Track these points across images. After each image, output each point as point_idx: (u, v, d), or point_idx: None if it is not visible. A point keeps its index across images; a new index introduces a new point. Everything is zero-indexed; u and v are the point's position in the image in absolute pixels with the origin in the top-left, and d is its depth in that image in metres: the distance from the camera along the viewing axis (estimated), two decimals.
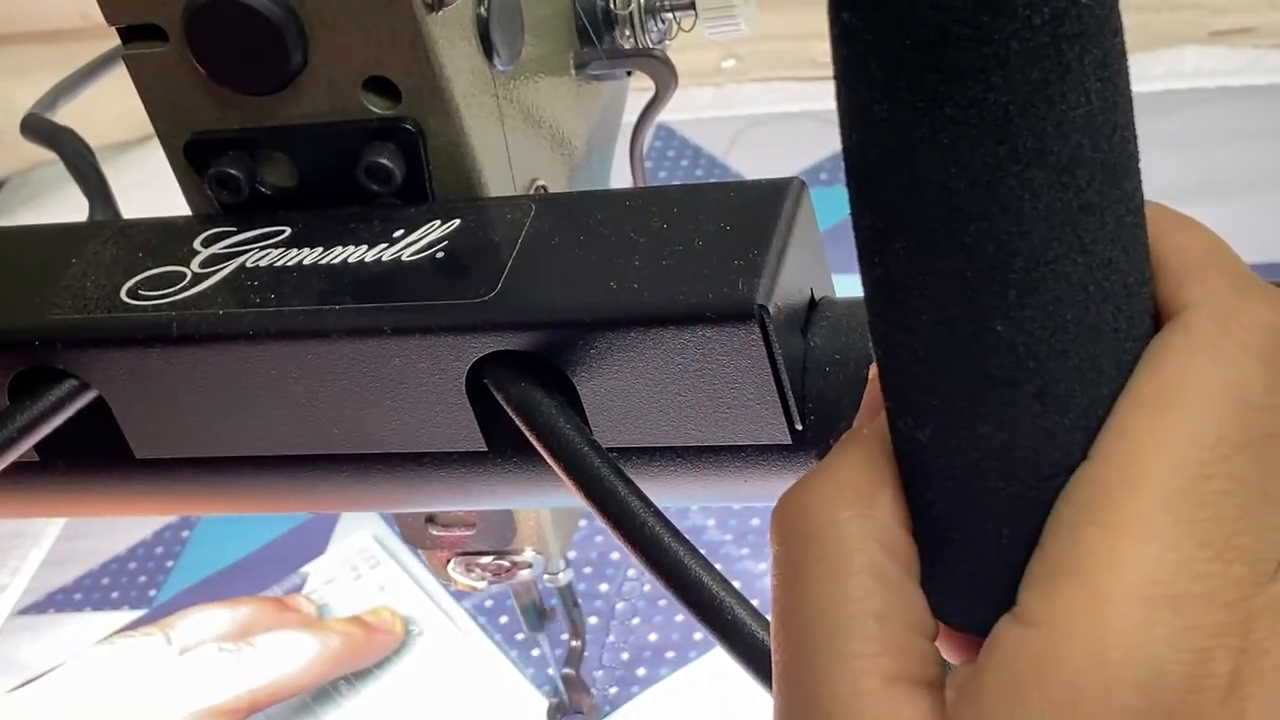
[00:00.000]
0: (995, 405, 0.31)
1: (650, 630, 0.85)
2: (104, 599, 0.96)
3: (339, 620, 0.87)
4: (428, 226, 0.47)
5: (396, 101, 0.47)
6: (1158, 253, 0.33)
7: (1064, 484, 0.31)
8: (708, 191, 0.46)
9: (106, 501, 0.51)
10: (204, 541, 0.98)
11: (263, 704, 0.80)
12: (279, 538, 0.97)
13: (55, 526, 1.01)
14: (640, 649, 0.84)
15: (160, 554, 0.98)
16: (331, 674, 0.84)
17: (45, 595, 0.97)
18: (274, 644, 0.81)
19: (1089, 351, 0.31)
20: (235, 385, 0.46)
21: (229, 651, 0.79)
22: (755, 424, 0.45)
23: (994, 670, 0.31)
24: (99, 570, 0.98)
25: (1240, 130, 1.03)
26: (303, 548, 0.95)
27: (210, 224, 0.48)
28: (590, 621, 0.86)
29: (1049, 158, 0.29)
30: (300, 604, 0.89)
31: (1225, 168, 1.01)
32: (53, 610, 0.96)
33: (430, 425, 0.46)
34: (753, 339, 0.43)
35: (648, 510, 0.43)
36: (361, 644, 0.85)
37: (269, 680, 0.80)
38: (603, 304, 0.44)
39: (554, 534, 0.61)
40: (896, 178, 0.30)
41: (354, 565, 0.94)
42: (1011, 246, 0.30)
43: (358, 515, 0.97)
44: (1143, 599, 0.29)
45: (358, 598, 0.91)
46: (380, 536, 0.95)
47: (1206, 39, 1.08)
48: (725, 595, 0.42)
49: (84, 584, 0.97)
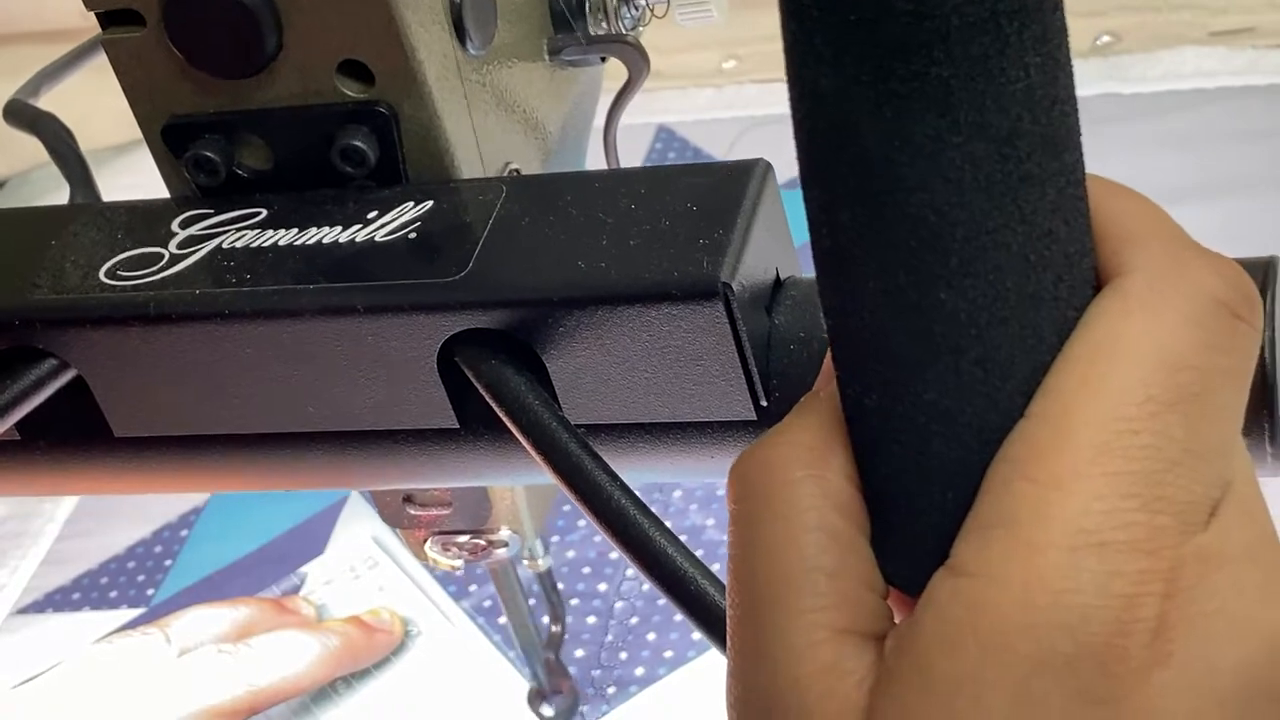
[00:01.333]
0: (940, 371, 0.33)
1: (649, 630, 0.86)
2: (102, 598, 0.97)
3: (338, 621, 0.88)
4: (401, 208, 0.48)
5: (370, 85, 0.48)
6: (1098, 221, 0.34)
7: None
8: (675, 173, 0.48)
9: (87, 479, 0.52)
10: (203, 541, 0.99)
11: (262, 705, 0.80)
12: (277, 538, 0.98)
13: (54, 526, 1.03)
14: (639, 649, 0.85)
15: (159, 553, 0.99)
16: (331, 674, 0.85)
17: (44, 595, 0.99)
18: (273, 644, 0.82)
19: (1030, 319, 0.32)
20: (212, 364, 0.48)
21: (228, 653, 0.80)
22: (721, 400, 0.46)
23: (929, 620, 0.32)
24: (97, 570, 0.99)
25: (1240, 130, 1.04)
26: (301, 548, 0.97)
27: (188, 206, 0.50)
28: (589, 621, 0.87)
29: (989, 130, 0.31)
30: (299, 605, 0.90)
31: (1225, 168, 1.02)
32: (51, 609, 0.98)
33: (403, 403, 0.48)
34: (717, 316, 0.44)
35: (614, 484, 0.44)
36: (360, 644, 0.86)
37: (268, 681, 0.80)
38: (571, 282, 0.45)
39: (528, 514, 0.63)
40: (842, 150, 0.32)
41: (352, 566, 0.95)
42: (953, 216, 0.31)
43: (356, 516, 0.98)
44: (1071, 548, 0.31)
45: (356, 598, 0.92)
46: (379, 537, 0.96)
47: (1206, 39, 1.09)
48: (689, 566, 0.43)
49: (82, 583, 0.99)
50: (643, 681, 0.84)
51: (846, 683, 0.33)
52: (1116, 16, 1.10)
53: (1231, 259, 0.34)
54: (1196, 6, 1.09)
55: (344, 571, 0.95)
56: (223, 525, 1.00)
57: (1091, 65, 1.12)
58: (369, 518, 0.97)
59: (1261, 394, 0.42)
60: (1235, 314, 0.33)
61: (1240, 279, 0.33)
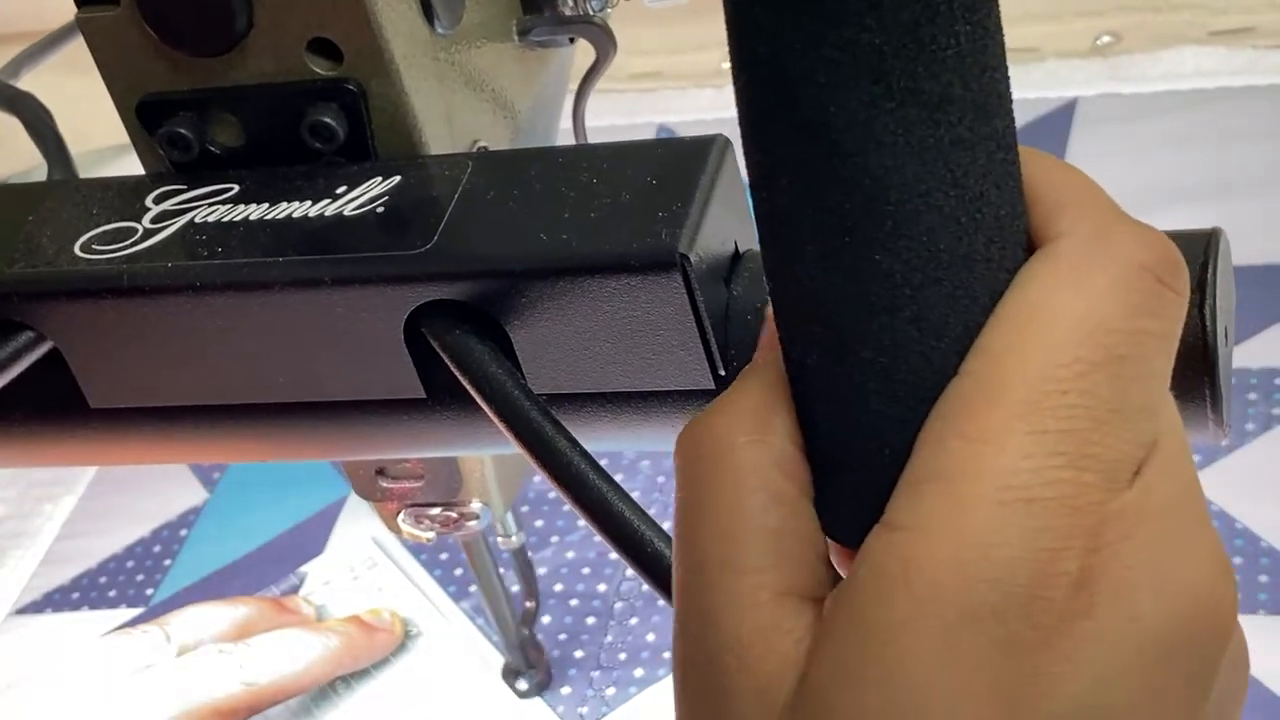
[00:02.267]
0: (876, 331, 0.34)
1: (648, 630, 0.87)
2: (101, 598, 0.98)
3: (338, 620, 0.89)
4: (369, 183, 0.50)
5: (339, 63, 0.50)
6: (1031, 188, 0.36)
7: None
8: (636, 148, 0.50)
9: (63, 451, 0.54)
10: (202, 541, 1.00)
11: (262, 705, 0.81)
12: (277, 538, 0.99)
13: (53, 525, 1.04)
14: (638, 649, 0.86)
15: (158, 553, 1.00)
16: (331, 674, 0.85)
17: (43, 594, 1.00)
18: (272, 644, 0.83)
19: (963, 279, 0.34)
20: (184, 335, 0.50)
21: (228, 653, 0.81)
22: (680, 370, 0.48)
23: (864, 574, 0.34)
24: (96, 569, 1.00)
25: (1240, 130, 1.05)
26: (301, 548, 0.98)
27: (162, 182, 0.52)
28: (589, 621, 0.88)
29: (921, 96, 0.32)
30: (299, 605, 0.91)
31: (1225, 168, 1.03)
32: (50, 609, 0.99)
33: (371, 373, 0.50)
34: (675, 287, 0.46)
35: (574, 450, 0.46)
36: (360, 644, 0.86)
37: (268, 680, 0.81)
38: (533, 254, 0.47)
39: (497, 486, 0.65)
40: (780, 116, 0.33)
41: (352, 567, 0.96)
42: (887, 180, 0.33)
43: (356, 517, 0.99)
44: (999, 502, 0.32)
45: (355, 599, 0.93)
46: (378, 538, 0.97)
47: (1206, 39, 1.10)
48: (645, 529, 0.45)
49: (82, 583, 1.00)
50: (642, 682, 0.84)
51: (785, 641, 0.35)
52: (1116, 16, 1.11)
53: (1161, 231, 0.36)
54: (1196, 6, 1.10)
55: (343, 572, 0.95)
56: (222, 525, 1.01)
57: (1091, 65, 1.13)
58: (368, 518, 0.98)
59: (1202, 361, 0.44)
60: (1160, 280, 0.34)
61: (1166, 248, 0.35)
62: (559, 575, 0.91)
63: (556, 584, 0.90)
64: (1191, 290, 0.43)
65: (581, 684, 0.85)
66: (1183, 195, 1.01)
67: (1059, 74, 1.13)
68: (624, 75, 1.11)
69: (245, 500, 1.02)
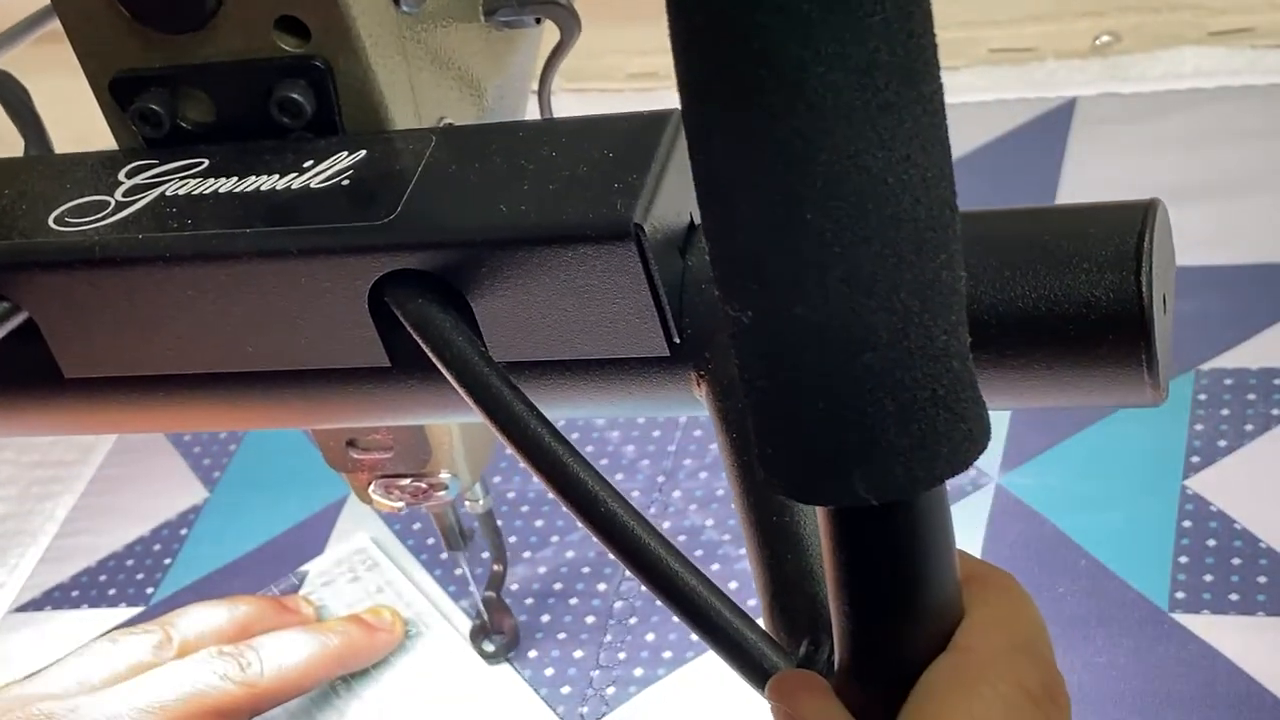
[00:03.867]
0: (808, 288, 0.36)
1: (647, 630, 0.87)
2: (101, 597, 0.99)
3: (338, 620, 0.89)
4: (336, 157, 0.53)
5: (306, 40, 0.53)
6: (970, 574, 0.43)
7: (870, 362, 0.36)
8: (595, 123, 0.52)
9: (39, 420, 0.57)
10: (202, 540, 1.01)
11: (263, 706, 0.82)
12: (277, 538, 1.00)
13: (53, 524, 1.05)
14: (637, 649, 0.86)
15: (158, 552, 1.01)
16: (331, 673, 0.86)
17: (43, 592, 1.00)
18: (273, 644, 0.84)
19: (890, 238, 0.36)
20: (155, 305, 0.52)
21: (229, 654, 0.82)
22: (636, 337, 0.50)
23: None
24: (96, 568, 1.01)
25: (1240, 130, 1.06)
26: (301, 548, 0.98)
27: (134, 157, 0.55)
28: (588, 621, 0.88)
29: (849, 61, 0.34)
30: (299, 605, 0.92)
31: (1225, 168, 1.03)
32: (50, 607, 0.99)
33: (337, 342, 0.52)
34: (629, 256, 0.48)
35: (530, 413, 0.48)
36: (361, 643, 0.87)
37: (268, 681, 0.82)
38: (492, 225, 0.49)
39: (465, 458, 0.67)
40: (714, 80, 0.35)
41: (352, 567, 0.96)
42: (818, 142, 0.35)
43: (356, 517, 1.00)
44: None
45: (355, 599, 0.93)
46: (378, 538, 0.97)
47: (1205, 39, 1.11)
48: (600, 490, 0.47)
49: (81, 581, 1.00)
50: (642, 682, 0.85)
51: None
52: (1116, 16, 1.12)
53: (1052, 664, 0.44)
54: (1195, 7, 1.11)
55: (343, 572, 0.96)
56: (222, 525, 1.02)
57: (1091, 65, 1.14)
58: (369, 518, 0.99)
59: (1138, 327, 0.46)
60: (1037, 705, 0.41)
61: (1051, 680, 0.42)
62: (559, 575, 0.91)
63: (556, 583, 0.91)
64: (1128, 258, 0.46)
65: (581, 684, 0.86)
66: (1182, 195, 1.02)
67: (1058, 74, 1.14)
68: (622, 75, 1.12)
69: (245, 500, 1.03)
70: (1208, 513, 0.83)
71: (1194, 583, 0.80)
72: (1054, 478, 0.87)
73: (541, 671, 0.87)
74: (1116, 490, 0.86)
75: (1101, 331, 0.47)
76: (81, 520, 1.05)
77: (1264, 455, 0.85)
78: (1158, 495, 0.84)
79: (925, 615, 0.42)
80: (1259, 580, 0.79)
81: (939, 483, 0.38)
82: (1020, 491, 0.87)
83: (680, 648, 0.86)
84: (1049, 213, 0.49)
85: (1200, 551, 0.81)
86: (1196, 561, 0.80)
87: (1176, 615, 0.78)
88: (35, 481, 1.09)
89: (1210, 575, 0.80)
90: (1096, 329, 0.47)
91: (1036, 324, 0.47)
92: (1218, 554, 0.81)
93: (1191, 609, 0.78)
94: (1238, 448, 0.86)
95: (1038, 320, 0.47)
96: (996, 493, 0.87)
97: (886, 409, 0.37)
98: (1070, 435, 0.89)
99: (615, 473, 0.96)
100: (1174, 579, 0.80)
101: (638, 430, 0.98)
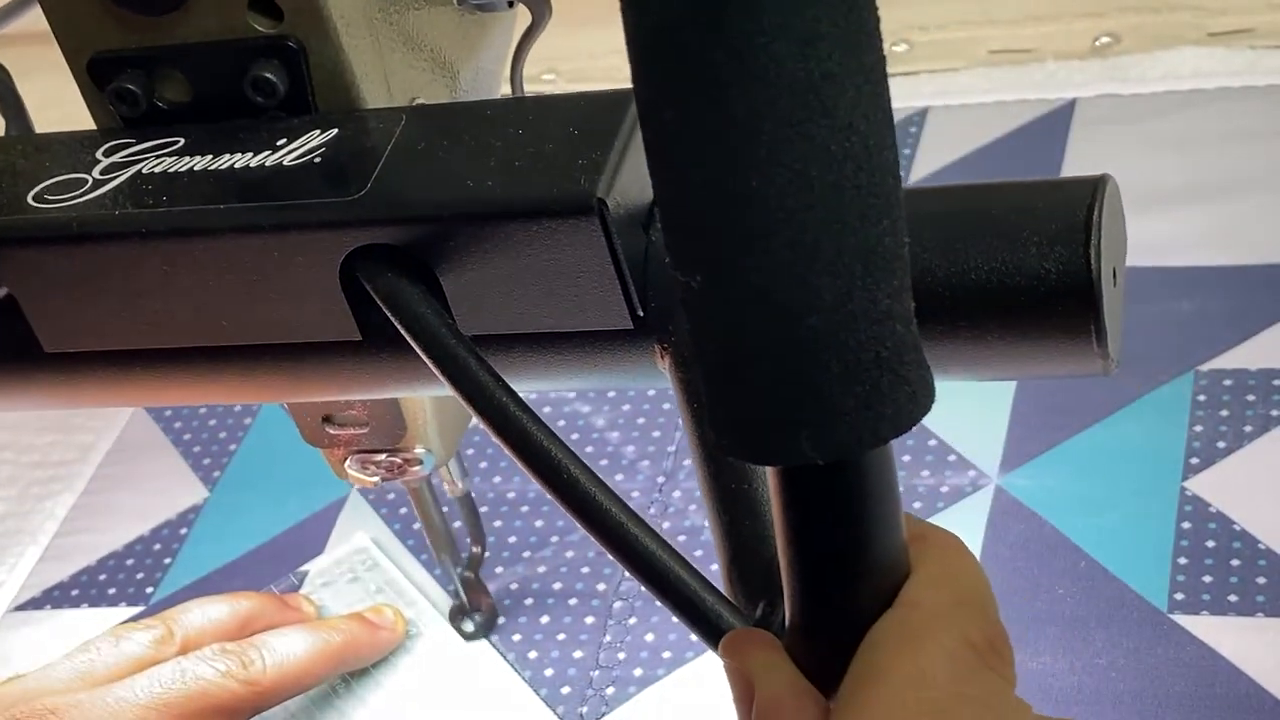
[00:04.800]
0: (754, 254, 0.38)
1: (647, 630, 0.88)
2: (101, 596, 1.00)
3: (340, 617, 0.90)
4: (308, 135, 0.55)
5: (279, 21, 0.55)
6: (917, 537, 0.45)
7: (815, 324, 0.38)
8: (561, 102, 0.54)
9: (20, 395, 0.59)
10: (202, 540, 1.02)
11: (265, 703, 0.83)
12: (277, 538, 1.01)
13: (53, 523, 1.06)
14: (637, 649, 0.87)
15: (158, 551, 1.02)
16: (335, 671, 0.87)
17: (42, 591, 1.02)
18: (276, 641, 0.84)
19: (833, 204, 0.37)
20: (132, 280, 0.54)
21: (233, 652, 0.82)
22: (600, 310, 0.52)
23: None
24: (96, 567, 1.02)
25: (1240, 130, 1.07)
26: (300, 548, 1.00)
27: (112, 136, 0.56)
28: (587, 621, 0.89)
29: (791, 32, 0.36)
30: (300, 603, 0.93)
31: (1225, 168, 1.04)
32: (50, 606, 1.01)
33: (310, 316, 0.54)
34: (593, 230, 0.50)
35: (496, 383, 0.50)
36: (364, 640, 0.88)
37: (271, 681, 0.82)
38: (459, 200, 0.51)
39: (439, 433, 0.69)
40: (664, 52, 0.37)
41: (351, 567, 0.97)
42: (762, 111, 0.36)
43: (356, 517, 1.00)
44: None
45: (355, 599, 0.94)
46: (378, 539, 0.98)
47: (1205, 40, 1.12)
48: (563, 457, 0.49)
49: (81, 580, 1.02)
50: (641, 682, 0.86)
51: None
52: (1115, 17, 1.14)
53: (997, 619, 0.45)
54: (1195, 7, 1.12)
55: (343, 572, 0.97)
56: (222, 524, 1.03)
57: (1091, 66, 1.15)
58: (369, 518, 1.00)
59: (1087, 299, 0.48)
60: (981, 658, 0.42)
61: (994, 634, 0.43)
62: (559, 575, 0.93)
63: (556, 583, 0.92)
64: (1078, 232, 0.47)
65: (581, 684, 0.86)
66: (1182, 196, 1.03)
67: (1058, 75, 1.15)
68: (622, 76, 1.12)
69: (245, 499, 1.05)
70: (1207, 514, 0.83)
71: (1193, 584, 0.80)
72: (1053, 479, 0.88)
73: (541, 672, 0.88)
74: (1116, 491, 0.86)
75: (1052, 303, 0.48)
76: (81, 519, 1.07)
77: (1263, 456, 0.86)
78: (1157, 496, 0.85)
79: (872, 572, 0.43)
80: (1258, 581, 0.80)
81: (883, 442, 0.40)
82: (1020, 492, 0.88)
83: (680, 648, 0.87)
84: (1002, 188, 0.51)
85: (1199, 553, 0.82)
86: (1195, 563, 0.81)
87: (1175, 616, 0.79)
88: (35, 481, 1.10)
89: (1209, 576, 0.80)
90: (1047, 300, 0.48)
91: (989, 296, 0.49)
92: (1217, 555, 0.81)
93: (1191, 610, 0.79)
94: (1237, 449, 0.87)
95: (990, 292, 0.49)
96: (996, 494, 0.88)
97: (832, 370, 0.38)
98: (1070, 436, 0.90)
99: (615, 473, 0.97)
100: (1173, 580, 0.81)
101: (638, 430, 0.99)
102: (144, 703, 0.78)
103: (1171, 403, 0.90)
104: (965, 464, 0.90)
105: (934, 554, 0.45)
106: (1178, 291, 0.97)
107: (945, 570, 0.44)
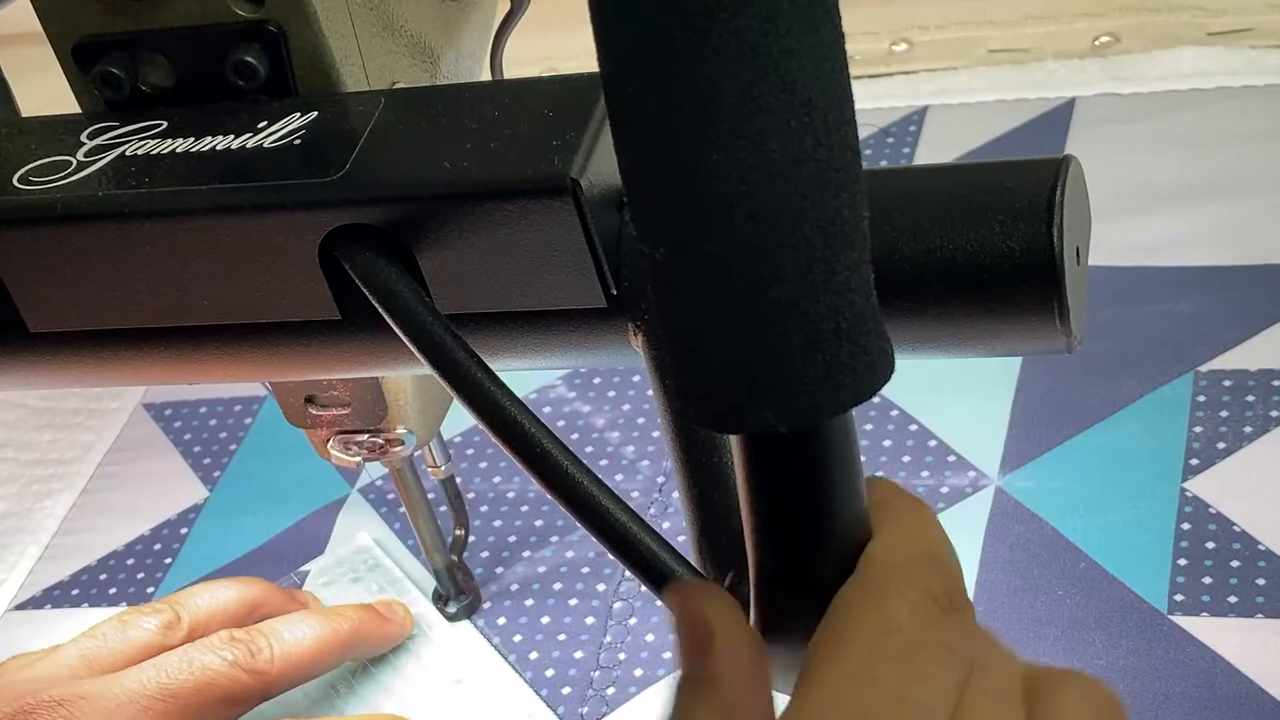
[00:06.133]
0: (716, 225, 0.39)
1: (647, 630, 0.89)
2: (102, 595, 1.01)
3: (349, 605, 0.91)
4: (288, 118, 0.56)
5: (260, 6, 0.56)
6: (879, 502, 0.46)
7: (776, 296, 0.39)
8: (537, 84, 0.56)
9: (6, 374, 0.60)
10: (202, 540, 1.04)
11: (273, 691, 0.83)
12: (277, 538, 1.02)
13: (53, 522, 1.07)
14: (638, 649, 0.88)
15: (159, 551, 1.03)
16: (342, 658, 0.88)
17: (42, 591, 1.03)
18: (284, 628, 0.85)
19: (793, 177, 0.38)
20: (115, 260, 0.56)
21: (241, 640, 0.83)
22: (574, 289, 0.53)
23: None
24: (96, 566, 1.03)
25: (1240, 130, 1.08)
26: (301, 548, 1.01)
27: (96, 119, 0.58)
28: (588, 621, 0.90)
29: (751, 8, 0.37)
30: (306, 598, 0.93)
31: (1225, 168, 1.05)
32: (50, 606, 1.02)
33: (290, 296, 0.55)
34: (567, 210, 0.51)
35: (473, 361, 0.51)
36: (372, 629, 0.89)
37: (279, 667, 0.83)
38: (436, 181, 0.53)
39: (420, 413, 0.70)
40: (627, 28, 0.38)
41: (353, 567, 0.98)
42: (723, 85, 0.37)
43: (356, 517, 1.01)
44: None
45: (356, 600, 0.94)
46: (379, 539, 0.99)
47: (1204, 40, 1.13)
48: (538, 433, 0.50)
49: (81, 580, 1.03)
50: (642, 682, 0.86)
51: None
52: (1115, 17, 1.15)
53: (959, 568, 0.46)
54: (1195, 7, 1.13)
55: (344, 572, 0.98)
56: (222, 524, 1.04)
57: (1090, 66, 1.16)
58: (369, 518, 1.01)
59: (1050, 277, 0.49)
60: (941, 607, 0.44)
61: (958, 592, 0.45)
62: (559, 574, 0.93)
63: (556, 583, 0.93)
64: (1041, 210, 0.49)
65: (581, 684, 0.87)
66: (1181, 195, 1.04)
67: (1057, 74, 1.16)
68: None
69: (246, 499, 1.06)
70: (1207, 515, 0.84)
71: (1193, 585, 0.81)
72: (1053, 480, 0.89)
73: (542, 672, 0.88)
74: (1115, 492, 0.87)
75: (1015, 280, 0.50)
76: (81, 519, 1.08)
77: (1263, 457, 0.87)
78: (1157, 497, 0.86)
79: (834, 537, 0.44)
80: (1258, 582, 0.81)
81: (844, 410, 0.41)
82: (1019, 494, 0.89)
83: None
84: (968, 168, 0.52)
85: (1199, 554, 0.82)
86: (1195, 564, 0.82)
87: (1175, 617, 0.80)
88: (35, 480, 1.12)
89: (1209, 577, 0.81)
90: (1011, 278, 0.50)
91: (954, 273, 0.50)
92: (1217, 556, 0.82)
93: (1190, 611, 0.80)
94: (1237, 450, 0.88)
95: (955, 270, 0.50)
96: (996, 495, 0.89)
97: (793, 340, 0.39)
98: (1069, 437, 0.91)
99: (615, 473, 0.98)
100: (1173, 581, 0.82)
101: (638, 430, 1.00)
102: (151, 693, 0.78)
103: (1171, 403, 0.91)
104: (965, 465, 0.91)
105: (895, 516, 0.46)
106: (1178, 291, 0.97)
107: (906, 528, 0.45)
